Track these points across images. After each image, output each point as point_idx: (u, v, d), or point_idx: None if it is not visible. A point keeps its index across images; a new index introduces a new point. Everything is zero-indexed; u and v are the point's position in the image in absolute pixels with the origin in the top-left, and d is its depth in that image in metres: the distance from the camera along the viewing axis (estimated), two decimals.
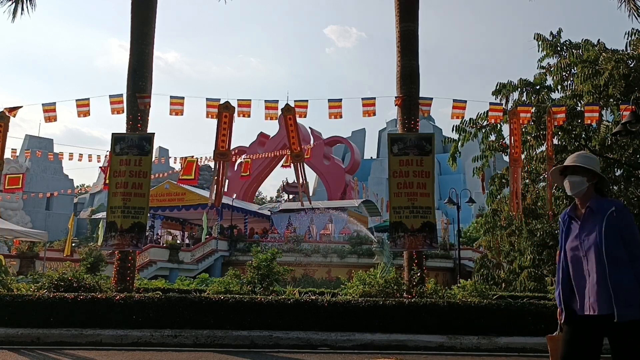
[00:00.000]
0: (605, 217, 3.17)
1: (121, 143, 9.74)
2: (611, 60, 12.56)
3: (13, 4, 12.17)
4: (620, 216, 3.18)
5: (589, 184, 3.34)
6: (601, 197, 3.33)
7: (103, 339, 7.49)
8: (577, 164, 3.37)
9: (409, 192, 9.46)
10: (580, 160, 3.40)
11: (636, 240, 3.13)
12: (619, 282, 3.05)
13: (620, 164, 13.52)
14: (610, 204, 3.25)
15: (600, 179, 3.36)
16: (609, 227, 3.15)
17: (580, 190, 3.35)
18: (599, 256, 3.12)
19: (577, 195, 3.38)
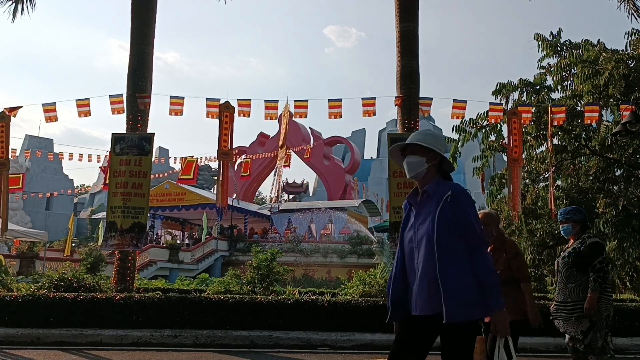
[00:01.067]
0: (441, 203, 2.72)
1: (121, 143, 9.74)
2: (611, 60, 12.55)
3: (13, 4, 12.17)
4: (456, 201, 2.74)
5: (429, 165, 2.85)
6: (443, 181, 2.87)
7: (103, 339, 7.49)
8: (415, 142, 2.87)
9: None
10: (419, 138, 2.90)
11: (473, 230, 2.71)
12: (450, 278, 2.63)
13: (620, 164, 13.52)
14: (448, 187, 2.79)
15: (442, 159, 2.88)
16: (443, 214, 2.70)
17: (419, 172, 2.86)
18: (430, 248, 2.67)
19: (416, 178, 2.90)
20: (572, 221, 4.64)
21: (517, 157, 10.30)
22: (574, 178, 14.29)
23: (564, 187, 14.33)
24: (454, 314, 2.59)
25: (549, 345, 7.65)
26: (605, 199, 13.02)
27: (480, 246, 2.72)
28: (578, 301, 4.34)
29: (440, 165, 2.90)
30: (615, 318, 8.32)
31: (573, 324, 4.37)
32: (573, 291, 4.41)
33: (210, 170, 67.45)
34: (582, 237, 4.54)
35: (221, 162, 9.79)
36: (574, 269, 4.44)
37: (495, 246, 4.33)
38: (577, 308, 4.34)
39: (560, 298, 4.51)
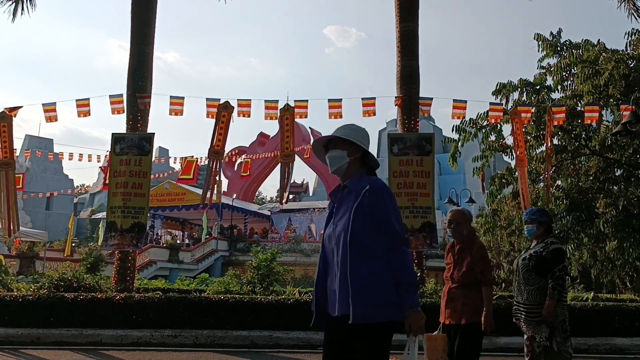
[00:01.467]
0: (359, 198, 2.59)
1: (121, 143, 9.75)
2: (611, 60, 12.56)
3: (13, 4, 12.17)
4: (375, 196, 2.59)
5: (351, 159, 2.74)
6: (366, 176, 2.73)
7: (103, 339, 7.49)
8: (336, 136, 2.78)
9: (409, 192, 9.46)
10: (340, 131, 2.81)
11: (391, 226, 2.56)
12: (359, 276, 2.49)
13: (620, 164, 13.52)
14: (367, 182, 2.65)
15: (365, 153, 2.77)
16: (361, 209, 2.57)
17: (341, 166, 2.74)
18: (344, 245, 2.55)
19: (338, 173, 2.77)
20: (537, 222, 4.57)
21: (521, 157, 10.32)
22: (574, 178, 14.29)
23: (564, 187, 14.33)
24: (360, 314, 2.44)
25: None
26: (605, 199, 13.03)
27: (398, 243, 2.57)
28: (536, 305, 4.30)
29: (364, 160, 2.79)
30: (615, 318, 8.38)
31: (535, 327, 4.34)
32: (531, 294, 4.38)
33: None
34: (545, 242, 4.47)
35: (212, 160, 9.84)
36: (533, 273, 4.39)
37: (463, 246, 4.27)
38: (535, 312, 4.30)
39: (519, 299, 4.47)
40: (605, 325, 8.30)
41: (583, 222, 13.47)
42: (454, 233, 4.36)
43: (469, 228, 4.35)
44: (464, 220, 4.32)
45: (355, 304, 2.46)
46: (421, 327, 2.53)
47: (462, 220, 4.31)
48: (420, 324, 2.52)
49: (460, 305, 4.14)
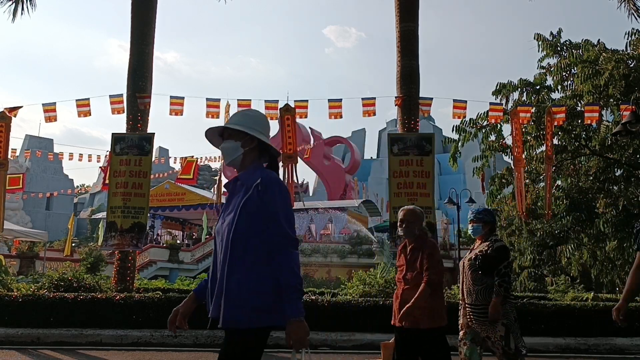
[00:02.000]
0: (249, 193, 2.39)
1: (121, 143, 9.75)
2: (611, 60, 12.57)
3: (13, 4, 12.17)
4: (265, 191, 2.37)
5: (245, 149, 2.53)
6: (261, 168, 2.52)
7: (103, 339, 7.49)
8: (228, 125, 2.56)
9: (409, 192, 9.46)
10: (233, 120, 2.59)
11: (277, 224, 2.33)
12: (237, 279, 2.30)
13: (620, 164, 13.53)
14: (259, 175, 2.43)
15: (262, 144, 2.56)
16: (248, 204, 2.36)
17: (235, 158, 2.54)
18: (227, 242, 2.37)
19: (233, 165, 2.58)
20: (483, 222, 4.57)
21: (519, 157, 10.33)
22: (574, 178, 14.30)
23: (564, 187, 14.34)
24: (230, 318, 2.27)
25: (549, 345, 7.66)
26: (605, 199, 13.04)
27: (284, 243, 2.32)
28: (486, 305, 4.27)
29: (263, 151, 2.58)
30: None
31: (488, 328, 4.29)
32: (480, 294, 4.35)
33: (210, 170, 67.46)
34: (490, 240, 4.48)
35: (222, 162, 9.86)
36: (480, 272, 4.37)
37: (415, 246, 4.13)
38: (486, 312, 4.26)
39: (469, 300, 4.42)
40: (605, 325, 8.28)
41: (583, 222, 13.48)
42: (405, 232, 4.19)
43: (421, 227, 4.20)
44: (415, 219, 4.17)
45: (225, 306, 2.29)
46: (303, 340, 2.26)
47: (414, 219, 4.15)
48: (301, 336, 2.25)
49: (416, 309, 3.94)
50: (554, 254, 14.82)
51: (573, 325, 8.12)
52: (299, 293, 2.28)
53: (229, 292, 2.30)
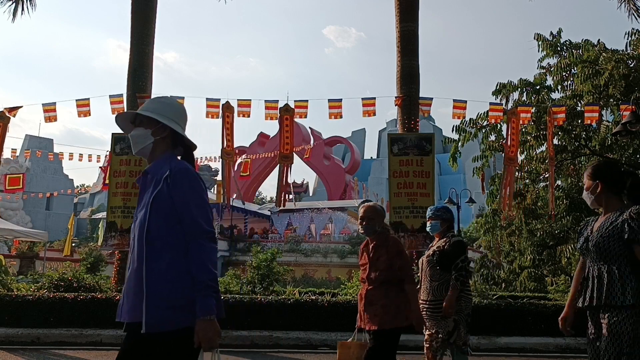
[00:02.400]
0: (159, 185, 2.25)
1: (121, 143, 9.75)
2: (611, 60, 12.57)
3: (13, 4, 12.17)
4: (175, 182, 2.23)
5: (156, 138, 2.37)
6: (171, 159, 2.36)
7: (103, 339, 7.49)
8: (140, 112, 2.40)
9: (409, 192, 9.46)
10: (145, 106, 2.43)
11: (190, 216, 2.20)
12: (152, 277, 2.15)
13: (620, 164, 13.53)
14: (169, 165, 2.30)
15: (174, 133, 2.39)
16: (159, 199, 2.24)
17: (144, 147, 2.39)
18: (139, 240, 2.23)
19: (143, 155, 2.43)
20: (441, 219, 4.59)
21: (512, 156, 10.32)
22: (574, 178, 14.30)
23: (564, 187, 14.34)
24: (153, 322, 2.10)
25: (549, 345, 7.65)
26: None
27: (198, 237, 2.19)
28: (441, 300, 4.28)
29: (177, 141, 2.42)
30: None
31: (439, 322, 4.31)
32: (437, 289, 4.36)
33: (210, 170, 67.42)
34: (447, 236, 4.52)
35: (224, 161, 9.87)
36: (438, 268, 4.39)
37: (378, 243, 3.95)
38: (440, 307, 4.28)
39: (425, 296, 4.43)
40: None
41: None
42: (365, 230, 4.04)
43: (382, 224, 4.04)
44: (376, 216, 4.00)
45: (147, 309, 2.11)
46: (212, 340, 2.11)
47: (374, 215, 3.99)
48: (209, 337, 2.10)
49: (380, 308, 3.77)
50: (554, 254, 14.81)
51: (573, 325, 8.11)
52: (209, 289, 2.13)
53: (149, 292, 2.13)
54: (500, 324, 8.00)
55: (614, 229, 2.84)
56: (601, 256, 2.87)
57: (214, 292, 2.16)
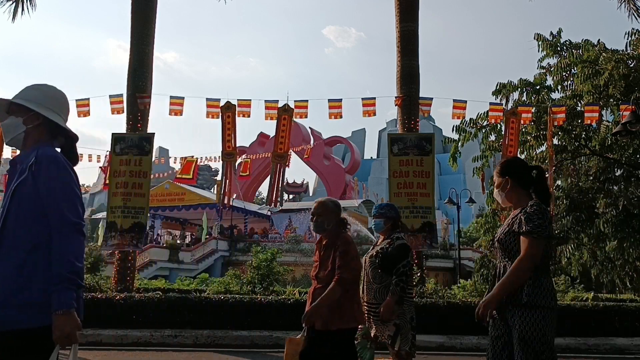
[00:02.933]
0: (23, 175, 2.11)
1: (121, 143, 9.75)
2: (611, 60, 12.56)
3: (13, 4, 12.16)
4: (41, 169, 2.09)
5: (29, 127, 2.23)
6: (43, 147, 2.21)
7: (103, 339, 7.49)
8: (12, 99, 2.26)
9: (409, 192, 9.46)
10: (21, 94, 2.27)
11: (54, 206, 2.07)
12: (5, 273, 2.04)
13: (620, 164, 13.53)
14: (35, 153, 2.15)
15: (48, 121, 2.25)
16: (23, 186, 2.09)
17: (16, 136, 2.24)
18: None
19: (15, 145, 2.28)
20: (385, 217, 4.43)
21: (510, 156, 10.32)
22: (574, 178, 14.29)
23: (564, 187, 14.33)
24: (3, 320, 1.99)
25: None
26: (605, 199, 13.03)
27: (62, 228, 2.06)
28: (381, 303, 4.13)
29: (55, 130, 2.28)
30: (615, 318, 8.38)
31: (381, 327, 4.18)
32: (378, 292, 4.20)
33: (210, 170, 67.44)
34: (391, 237, 4.34)
35: (225, 162, 9.87)
36: (380, 270, 4.23)
37: (328, 242, 3.77)
38: None
39: (366, 297, 4.29)
40: (605, 325, 8.30)
41: (583, 222, 13.47)
42: (315, 227, 3.87)
43: (334, 221, 3.81)
44: (327, 212, 3.80)
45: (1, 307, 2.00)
46: (69, 335, 2.01)
47: (324, 212, 3.79)
48: (66, 331, 1.99)
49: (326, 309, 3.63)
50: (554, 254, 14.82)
51: (573, 325, 8.11)
52: (69, 282, 2.01)
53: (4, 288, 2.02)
54: None
55: (514, 223, 2.81)
56: (505, 252, 2.83)
57: (73, 285, 2.03)
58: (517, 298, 2.70)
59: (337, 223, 3.83)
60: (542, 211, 2.75)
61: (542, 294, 2.68)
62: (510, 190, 2.95)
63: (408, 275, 4.22)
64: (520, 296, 2.68)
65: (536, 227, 2.69)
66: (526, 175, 2.96)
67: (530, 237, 2.68)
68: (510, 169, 3.00)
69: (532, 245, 2.67)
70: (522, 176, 2.96)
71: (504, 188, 2.97)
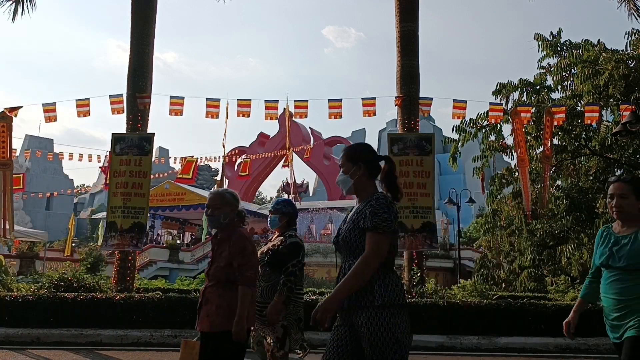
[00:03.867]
0: None
1: (121, 143, 9.75)
2: (611, 60, 12.57)
3: (13, 4, 12.16)
4: None
5: None
6: None
7: (103, 339, 7.49)
8: None
9: (409, 192, 9.46)
10: None
11: None
12: None
13: (620, 164, 13.52)
14: None
15: None
16: None
17: None
18: None
19: None
20: (281, 213, 4.25)
21: (523, 157, 10.32)
22: (574, 178, 14.30)
23: (564, 187, 14.34)
24: None
25: (549, 345, 7.65)
26: (605, 199, 13.03)
27: None
28: (268, 303, 3.95)
29: None
30: None
31: (267, 327, 4.00)
32: (265, 291, 4.02)
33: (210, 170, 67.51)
34: (284, 235, 4.18)
35: (223, 161, 9.88)
36: (268, 268, 4.05)
37: (222, 237, 3.53)
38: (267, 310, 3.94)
39: None
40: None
41: (583, 222, 13.48)
42: (209, 220, 3.63)
43: (230, 214, 3.56)
44: (222, 205, 3.55)
45: None
46: None
47: (220, 204, 3.55)
48: None
49: (214, 309, 3.38)
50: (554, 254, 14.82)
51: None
52: None
53: None
54: (500, 324, 8.00)
55: (359, 218, 2.54)
56: (350, 250, 2.57)
57: None
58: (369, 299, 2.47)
59: (234, 217, 3.58)
60: (388, 204, 2.52)
61: (393, 292, 2.46)
62: (360, 178, 2.65)
63: (297, 275, 4.04)
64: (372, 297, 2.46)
65: (382, 221, 2.46)
66: (376, 164, 2.68)
67: (375, 232, 2.45)
68: (363, 155, 2.68)
69: (378, 241, 2.45)
70: (373, 165, 2.67)
71: (353, 175, 2.65)
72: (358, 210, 2.60)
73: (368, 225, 2.47)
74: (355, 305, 2.50)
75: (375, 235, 2.45)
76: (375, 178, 2.68)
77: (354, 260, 2.51)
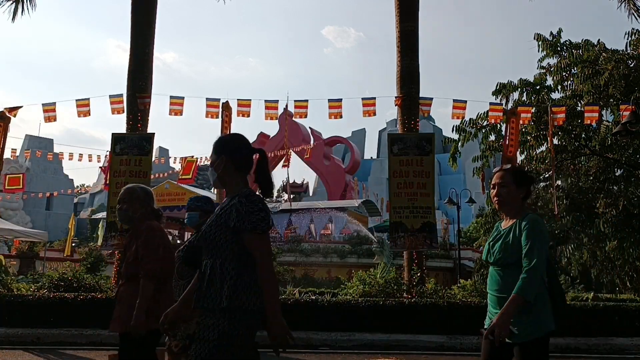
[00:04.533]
0: None
1: (121, 143, 9.75)
2: (611, 60, 12.56)
3: (13, 4, 12.16)
4: None
5: None
6: None
7: (103, 339, 7.49)
8: None
9: (409, 192, 9.46)
10: None
11: None
12: None
13: (620, 164, 13.53)
14: None
15: None
16: None
17: None
18: None
19: None
20: (200, 210, 4.08)
21: (511, 156, 10.32)
22: (574, 178, 14.30)
23: (564, 187, 14.33)
24: None
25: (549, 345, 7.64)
26: (605, 199, 13.03)
27: None
28: None
29: None
30: (615, 318, 8.37)
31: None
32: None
33: None
34: None
35: None
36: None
37: (132, 233, 3.45)
38: None
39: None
40: (605, 325, 8.29)
41: (583, 222, 13.48)
42: (119, 216, 3.55)
43: (140, 209, 3.45)
44: (130, 199, 3.45)
45: None
46: None
47: (128, 199, 3.44)
48: None
49: (127, 308, 3.27)
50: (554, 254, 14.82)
51: (573, 325, 8.11)
52: None
53: None
54: None
55: (223, 215, 2.39)
56: (209, 249, 2.41)
57: None
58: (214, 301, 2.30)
59: (146, 213, 3.46)
60: (261, 201, 2.42)
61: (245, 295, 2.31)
62: (226, 171, 2.48)
63: None
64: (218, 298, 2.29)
65: (260, 220, 2.38)
66: (245, 157, 2.51)
67: (255, 233, 2.36)
68: (230, 147, 2.51)
69: (262, 242, 2.38)
70: (243, 157, 2.50)
71: (217, 168, 2.49)
72: (223, 206, 2.45)
73: (246, 226, 2.34)
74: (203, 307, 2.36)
75: (257, 236, 2.37)
76: (245, 172, 2.51)
77: (211, 259, 2.38)
